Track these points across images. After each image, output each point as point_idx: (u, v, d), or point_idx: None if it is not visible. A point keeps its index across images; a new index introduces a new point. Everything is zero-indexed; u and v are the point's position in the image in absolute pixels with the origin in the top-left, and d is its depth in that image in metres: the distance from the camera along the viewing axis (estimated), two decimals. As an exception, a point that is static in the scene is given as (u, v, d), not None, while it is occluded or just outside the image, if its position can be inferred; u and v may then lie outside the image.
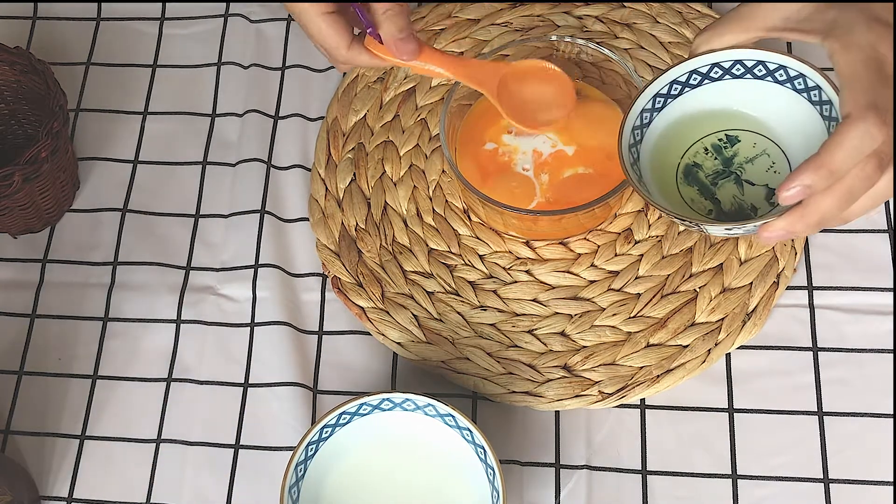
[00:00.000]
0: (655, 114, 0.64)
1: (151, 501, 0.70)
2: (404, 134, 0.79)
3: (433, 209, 0.76)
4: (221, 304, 0.75)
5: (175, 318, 0.75)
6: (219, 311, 0.75)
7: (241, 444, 0.71)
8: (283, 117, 0.82)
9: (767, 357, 0.71)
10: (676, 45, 0.81)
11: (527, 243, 0.74)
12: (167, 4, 0.88)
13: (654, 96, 0.63)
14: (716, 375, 0.71)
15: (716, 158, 0.64)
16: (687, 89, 0.63)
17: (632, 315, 0.72)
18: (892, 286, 0.72)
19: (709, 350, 0.71)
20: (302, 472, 0.63)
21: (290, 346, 0.73)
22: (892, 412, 0.68)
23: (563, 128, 0.73)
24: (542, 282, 0.73)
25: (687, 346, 0.71)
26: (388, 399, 0.65)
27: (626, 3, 0.83)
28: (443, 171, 0.77)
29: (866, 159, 0.52)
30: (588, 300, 0.73)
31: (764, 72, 0.61)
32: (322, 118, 0.82)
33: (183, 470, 0.71)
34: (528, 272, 0.74)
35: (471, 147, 0.74)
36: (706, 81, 0.63)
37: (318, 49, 0.66)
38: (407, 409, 0.65)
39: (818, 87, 0.59)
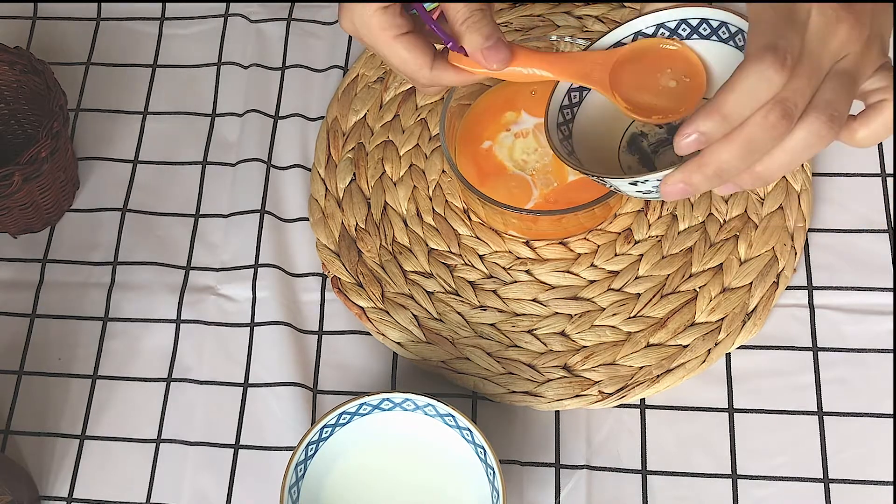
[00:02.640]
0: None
1: (151, 501, 0.70)
2: (404, 134, 0.79)
3: (433, 209, 0.76)
4: (221, 304, 0.75)
5: (175, 318, 0.75)
6: (219, 311, 0.75)
7: (241, 444, 0.71)
8: (283, 117, 0.82)
9: (767, 357, 0.71)
10: (676, 45, 0.81)
11: (527, 243, 0.74)
12: (167, 4, 0.88)
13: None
14: (716, 375, 0.71)
15: (661, 127, 0.60)
16: None
17: (632, 315, 0.72)
18: (892, 286, 0.72)
19: (709, 350, 0.71)
20: (302, 472, 0.63)
21: (289, 346, 0.73)
22: (892, 412, 0.68)
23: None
24: (542, 282, 0.73)
25: (687, 346, 0.71)
26: (388, 399, 0.65)
27: (626, 3, 0.83)
28: (443, 171, 0.77)
29: (769, 107, 0.48)
30: (588, 300, 0.73)
31: (708, 30, 0.57)
32: (322, 118, 0.82)
33: (183, 470, 0.71)
34: (528, 272, 0.74)
35: (470, 147, 0.74)
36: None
37: (401, 75, 0.61)
38: (407, 409, 0.65)
39: None
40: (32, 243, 0.79)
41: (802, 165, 0.75)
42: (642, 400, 0.70)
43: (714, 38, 0.57)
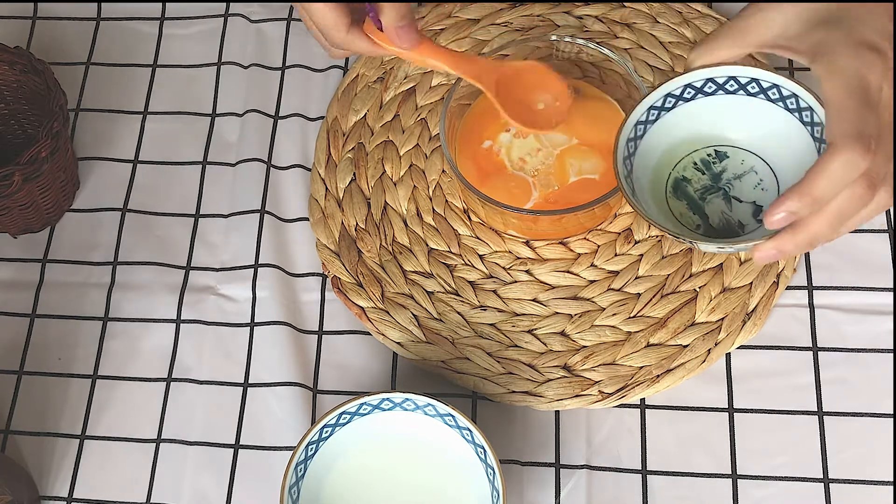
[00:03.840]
0: (649, 126, 0.64)
1: (151, 501, 0.70)
2: (404, 134, 0.79)
3: (433, 209, 0.76)
4: (221, 304, 0.75)
5: (175, 317, 0.75)
6: (219, 311, 0.75)
7: (241, 443, 0.71)
8: (283, 117, 0.82)
9: (767, 357, 0.71)
10: (676, 45, 0.81)
11: (527, 243, 0.74)
12: (167, 4, 0.88)
13: (649, 108, 0.63)
14: (716, 375, 0.71)
15: (704, 174, 0.64)
16: (681, 103, 0.63)
17: (632, 315, 0.72)
18: (892, 286, 0.72)
19: (709, 350, 0.71)
20: (302, 472, 0.63)
21: (289, 346, 0.73)
22: (892, 412, 0.68)
23: (565, 125, 0.72)
24: (542, 282, 0.73)
25: (687, 345, 0.71)
26: (388, 399, 0.65)
27: (626, 3, 0.83)
28: (443, 170, 0.77)
29: (856, 181, 0.52)
30: (588, 300, 0.73)
31: (757, 89, 0.61)
32: (322, 118, 0.82)
33: (183, 470, 0.71)
34: (528, 272, 0.74)
35: (470, 147, 0.74)
36: (699, 96, 0.63)
37: (313, 35, 0.65)
38: (407, 409, 0.65)
39: (810, 108, 0.59)
40: (32, 243, 0.79)
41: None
42: (642, 400, 0.70)
43: (761, 96, 0.61)
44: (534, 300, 0.73)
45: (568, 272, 0.74)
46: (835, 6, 0.55)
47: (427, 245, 0.75)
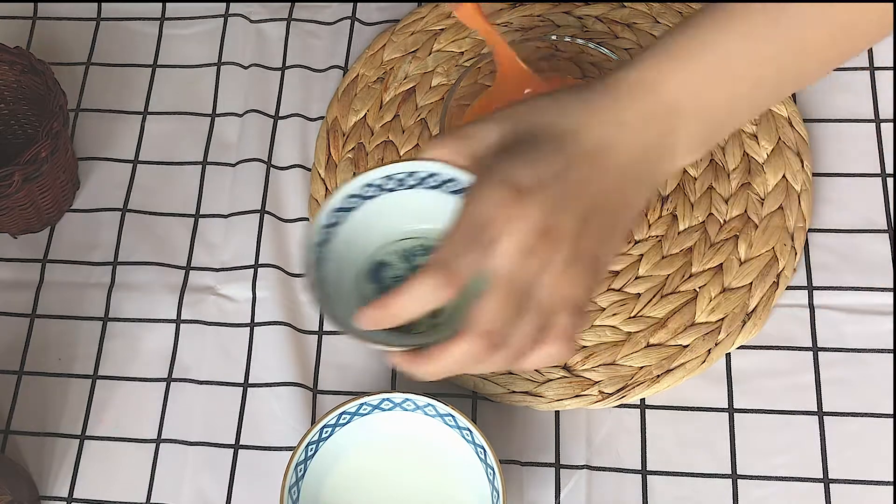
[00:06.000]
0: (347, 213, 0.59)
1: (151, 501, 0.70)
2: (404, 134, 0.79)
3: (433, 209, 0.76)
4: (221, 304, 0.75)
5: (175, 318, 0.75)
6: (218, 311, 0.75)
7: (240, 444, 0.71)
8: (283, 117, 0.82)
9: (767, 357, 0.71)
10: (676, 45, 0.80)
11: (527, 243, 0.74)
12: (167, 4, 0.88)
13: (347, 196, 0.58)
14: (716, 375, 0.71)
15: (403, 263, 0.60)
16: (383, 192, 0.59)
17: (632, 315, 0.72)
18: (892, 286, 0.72)
19: (709, 350, 0.71)
20: (302, 472, 0.63)
21: (289, 346, 0.73)
22: (892, 412, 0.68)
23: None
24: (542, 282, 0.73)
25: (687, 346, 0.71)
26: (388, 399, 0.65)
27: (626, 3, 0.83)
28: (443, 171, 0.77)
29: (472, 337, 0.47)
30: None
31: (438, 182, 0.57)
32: (322, 118, 0.82)
33: (183, 470, 0.70)
34: (528, 272, 0.74)
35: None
36: (399, 187, 0.58)
37: None
38: (407, 409, 0.65)
39: None
40: (32, 243, 0.79)
41: (802, 165, 0.75)
42: (642, 400, 0.70)
43: (444, 189, 0.57)
44: (534, 300, 0.73)
45: (568, 272, 0.73)
46: (534, 131, 0.50)
47: (427, 245, 0.75)
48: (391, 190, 0.58)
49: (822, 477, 0.67)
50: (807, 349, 0.71)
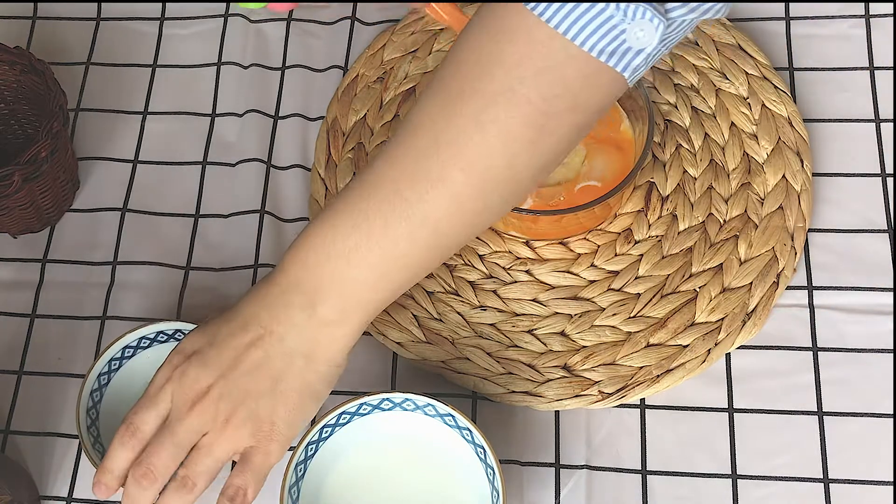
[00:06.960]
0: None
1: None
2: (404, 134, 0.79)
3: (433, 209, 0.76)
4: (221, 305, 0.75)
5: (175, 318, 0.75)
6: (219, 312, 0.75)
7: (240, 444, 0.71)
8: (283, 117, 0.82)
9: (767, 357, 0.71)
10: (677, 46, 0.80)
11: (527, 243, 0.74)
12: (167, 4, 0.88)
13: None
14: (716, 375, 0.71)
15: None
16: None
17: (632, 315, 0.72)
18: (892, 286, 0.72)
19: (709, 350, 0.71)
20: (302, 472, 0.63)
21: (289, 346, 0.73)
22: (892, 412, 0.68)
23: None
24: (541, 282, 0.73)
25: (687, 346, 0.71)
26: (387, 399, 0.65)
27: None
28: (443, 171, 0.77)
29: (133, 469, 0.58)
30: (588, 300, 0.73)
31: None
32: (322, 118, 0.82)
33: (182, 470, 0.71)
34: (527, 272, 0.74)
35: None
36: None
37: None
38: (407, 409, 0.65)
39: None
40: (32, 243, 0.79)
41: (802, 165, 0.75)
42: (642, 400, 0.70)
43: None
44: (534, 300, 0.73)
45: (568, 272, 0.74)
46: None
47: (427, 245, 0.75)
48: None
49: (822, 477, 0.67)
50: (807, 349, 0.71)
